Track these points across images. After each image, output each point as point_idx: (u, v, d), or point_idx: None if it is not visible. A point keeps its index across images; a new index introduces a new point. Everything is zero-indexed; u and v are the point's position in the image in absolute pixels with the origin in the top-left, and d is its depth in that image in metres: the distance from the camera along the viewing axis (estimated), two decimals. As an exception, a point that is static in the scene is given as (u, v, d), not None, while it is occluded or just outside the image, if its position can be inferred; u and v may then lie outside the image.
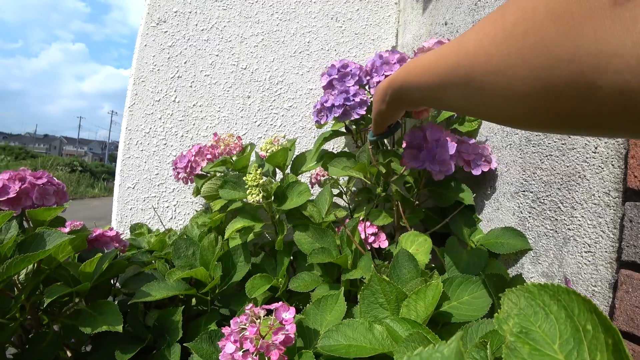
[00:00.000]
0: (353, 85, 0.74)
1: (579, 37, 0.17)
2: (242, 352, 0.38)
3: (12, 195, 0.58)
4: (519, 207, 0.57)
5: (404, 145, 0.64)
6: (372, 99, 0.66)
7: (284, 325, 0.40)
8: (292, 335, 0.39)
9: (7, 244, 0.49)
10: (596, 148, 0.45)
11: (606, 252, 0.43)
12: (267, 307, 0.42)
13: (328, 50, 1.02)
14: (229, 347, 0.38)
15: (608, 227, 0.44)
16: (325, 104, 0.70)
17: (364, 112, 0.68)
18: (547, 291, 0.21)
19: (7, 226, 0.52)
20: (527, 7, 0.19)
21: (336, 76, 0.76)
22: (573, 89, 0.17)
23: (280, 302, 0.42)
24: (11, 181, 0.60)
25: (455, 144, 0.56)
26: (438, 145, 0.55)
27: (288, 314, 0.41)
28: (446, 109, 0.30)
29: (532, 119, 0.21)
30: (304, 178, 0.93)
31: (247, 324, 0.39)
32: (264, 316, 0.41)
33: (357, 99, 0.69)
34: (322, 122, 0.71)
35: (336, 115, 0.68)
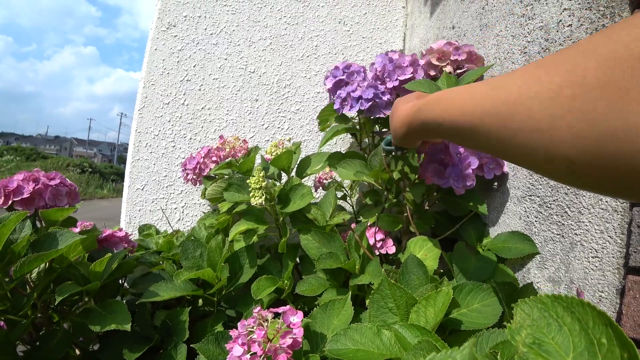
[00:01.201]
0: (366, 84, 0.74)
1: (632, 115, 0.16)
2: (250, 355, 0.38)
3: (26, 195, 0.59)
4: (525, 211, 0.57)
5: (419, 154, 0.63)
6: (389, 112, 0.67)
7: (292, 329, 0.40)
8: (300, 339, 0.39)
9: (21, 242, 0.50)
10: (604, 152, 0.45)
11: (613, 257, 0.43)
12: (275, 310, 0.42)
13: (335, 54, 1.03)
14: (236, 349, 0.38)
15: (615, 232, 0.43)
16: (352, 94, 0.70)
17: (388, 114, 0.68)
18: (561, 303, 0.21)
19: (21, 226, 0.53)
20: (575, 70, 0.18)
21: (343, 76, 0.76)
22: (620, 165, 0.17)
23: (288, 306, 0.42)
24: (25, 182, 0.61)
25: (476, 158, 0.56)
26: (460, 159, 0.55)
27: (296, 317, 0.41)
28: (475, 149, 0.30)
29: (572, 181, 0.21)
30: (309, 181, 0.94)
31: (255, 327, 0.39)
32: (271, 319, 0.41)
33: (385, 98, 0.69)
34: (345, 111, 0.71)
35: (363, 108, 0.68)
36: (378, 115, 0.69)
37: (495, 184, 0.64)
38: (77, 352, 0.61)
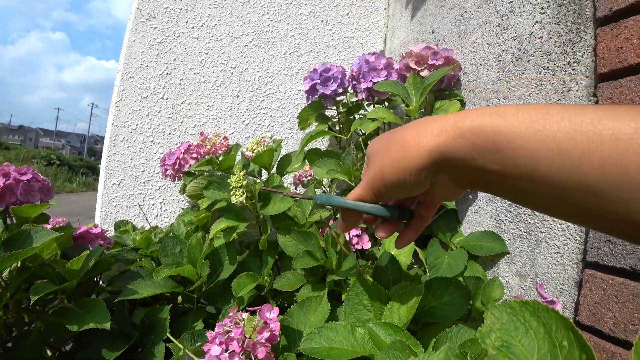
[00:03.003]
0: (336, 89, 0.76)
1: None
2: (229, 353, 0.38)
3: (-5, 191, 0.57)
4: (496, 210, 0.60)
5: None
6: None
7: (269, 323, 0.41)
8: (277, 333, 0.40)
9: (-8, 240, 0.48)
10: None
11: (573, 253, 0.47)
12: (251, 309, 0.43)
13: (317, 53, 1.03)
14: (214, 349, 0.39)
15: (575, 230, 0.47)
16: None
17: None
18: (528, 308, 0.22)
19: (-9, 223, 0.51)
20: None
21: (318, 80, 0.77)
22: None
23: (265, 304, 0.43)
24: (-6, 176, 0.59)
25: None
26: None
27: (272, 313, 0.42)
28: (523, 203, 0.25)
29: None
30: (289, 177, 0.94)
31: (232, 326, 0.40)
32: (248, 317, 0.42)
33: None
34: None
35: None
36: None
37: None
38: (49, 352, 0.59)
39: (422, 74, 0.72)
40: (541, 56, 0.54)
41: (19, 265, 0.52)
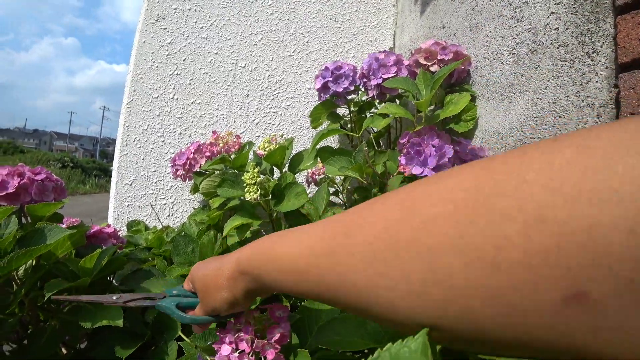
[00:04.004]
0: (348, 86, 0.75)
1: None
2: (238, 353, 0.38)
3: (11, 190, 0.57)
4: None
5: (399, 146, 0.66)
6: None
7: (279, 323, 0.40)
8: (287, 334, 0.40)
9: (7, 238, 0.49)
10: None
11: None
12: (262, 307, 0.42)
13: (326, 51, 1.03)
14: (224, 349, 0.39)
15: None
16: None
17: None
18: None
19: (7, 221, 0.52)
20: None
21: (330, 78, 0.77)
22: None
23: (275, 302, 0.42)
24: (10, 176, 0.60)
25: (452, 148, 0.57)
26: (436, 149, 0.57)
27: (282, 312, 0.41)
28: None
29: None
30: (301, 176, 0.94)
31: (242, 325, 0.40)
32: (258, 316, 0.41)
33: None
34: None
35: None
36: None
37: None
38: (64, 350, 0.60)
39: (431, 69, 0.71)
40: (557, 47, 0.52)
41: (33, 263, 0.53)
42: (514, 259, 0.14)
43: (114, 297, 0.42)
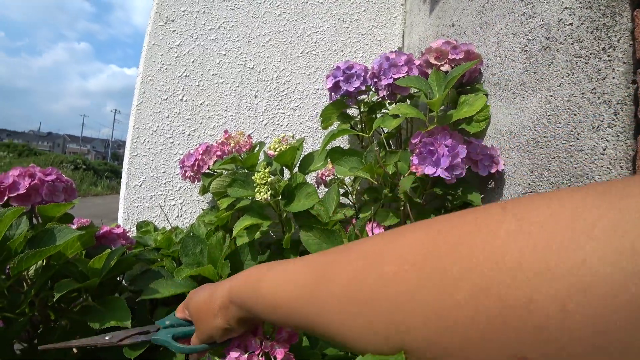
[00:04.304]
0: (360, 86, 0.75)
1: None
2: (248, 354, 0.38)
3: (22, 191, 0.58)
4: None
5: (410, 146, 0.65)
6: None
7: None
8: (296, 332, 0.40)
9: (18, 239, 0.49)
10: (604, 150, 0.45)
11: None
12: None
13: (335, 51, 1.02)
14: (233, 351, 0.38)
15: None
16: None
17: None
18: None
19: (18, 222, 0.52)
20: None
21: (342, 77, 0.77)
22: None
23: None
24: (21, 177, 0.60)
25: (465, 148, 0.56)
26: (449, 149, 0.56)
27: None
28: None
29: None
30: (309, 177, 0.94)
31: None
32: None
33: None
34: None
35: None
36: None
37: (492, 183, 0.65)
38: (74, 350, 0.60)
39: (442, 68, 0.70)
40: (572, 44, 0.51)
41: (43, 263, 0.53)
42: (465, 322, 0.15)
43: (107, 337, 0.42)
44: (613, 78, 0.45)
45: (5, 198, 0.57)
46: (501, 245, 0.15)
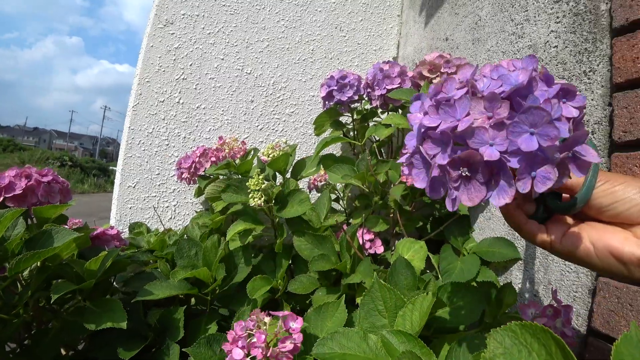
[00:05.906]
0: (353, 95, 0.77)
1: None
2: (250, 358, 0.39)
3: (18, 192, 0.58)
4: (511, 219, 0.60)
5: (402, 156, 0.66)
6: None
7: (292, 334, 0.41)
8: (299, 345, 0.40)
9: (15, 240, 0.50)
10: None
11: (591, 265, 0.46)
12: (273, 313, 0.43)
13: (331, 59, 1.05)
14: (236, 352, 0.39)
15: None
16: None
17: None
18: (528, 330, 0.24)
19: (14, 223, 0.53)
20: None
21: (335, 87, 0.79)
22: None
23: (288, 311, 0.43)
24: (17, 178, 0.61)
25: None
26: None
27: (296, 323, 0.42)
28: None
29: None
30: (302, 182, 0.95)
31: (255, 330, 0.40)
32: (269, 322, 0.42)
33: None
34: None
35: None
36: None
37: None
38: (63, 351, 0.60)
39: (435, 81, 0.72)
40: (556, 65, 0.54)
41: (39, 264, 0.54)
42: None
43: None
44: (592, 100, 0.48)
45: (1, 199, 0.57)
46: None
